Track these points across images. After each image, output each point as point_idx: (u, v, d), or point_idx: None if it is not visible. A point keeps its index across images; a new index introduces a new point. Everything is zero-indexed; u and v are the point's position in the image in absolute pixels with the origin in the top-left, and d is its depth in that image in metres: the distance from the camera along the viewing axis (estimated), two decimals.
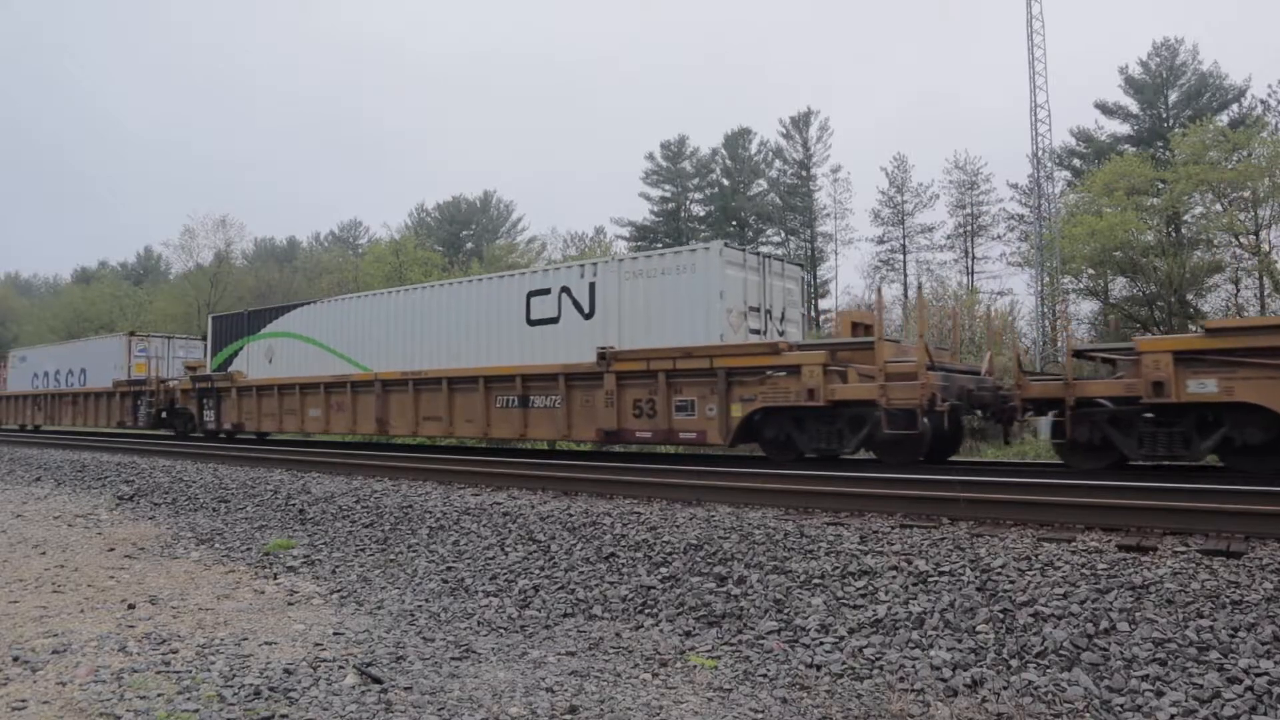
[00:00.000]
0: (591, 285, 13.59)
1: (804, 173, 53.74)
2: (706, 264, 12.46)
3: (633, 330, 12.96)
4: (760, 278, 13.31)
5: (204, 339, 27.62)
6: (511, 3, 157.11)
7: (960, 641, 4.85)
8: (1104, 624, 4.70)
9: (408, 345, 16.36)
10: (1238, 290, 30.24)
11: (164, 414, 21.35)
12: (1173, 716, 4.00)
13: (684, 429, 10.97)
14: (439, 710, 4.09)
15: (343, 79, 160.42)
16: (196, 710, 4.01)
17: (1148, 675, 4.28)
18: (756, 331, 12.92)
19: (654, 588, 6.21)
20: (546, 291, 14.20)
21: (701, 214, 55.97)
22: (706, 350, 10.91)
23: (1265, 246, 29.13)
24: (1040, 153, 31.96)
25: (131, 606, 6.19)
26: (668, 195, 57.05)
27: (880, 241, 52.39)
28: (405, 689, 4.39)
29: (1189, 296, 29.41)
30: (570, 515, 7.95)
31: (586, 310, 13.63)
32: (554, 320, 14.01)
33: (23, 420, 29.38)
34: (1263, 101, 35.86)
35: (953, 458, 11.95)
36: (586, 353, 12.53)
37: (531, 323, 14.33)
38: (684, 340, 11.95)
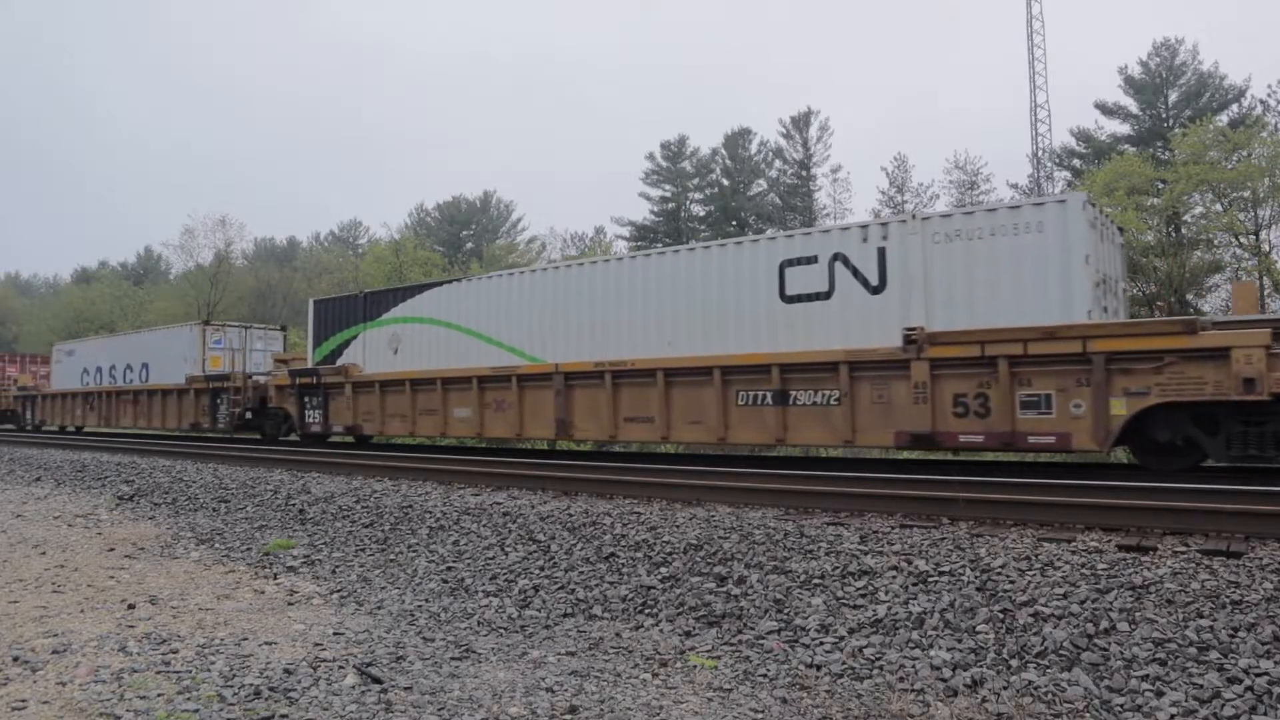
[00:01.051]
0: (880, 250, 11.04)
1: (804, 173, 53.72)
2: (1063, 221, 9.80)
3: (947, 306, 10.49)
4: (1103, 242, 10.68)
5: (283, 330, 25.19)
6: (512, 3, 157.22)
7: (960, 641, 4.85)
8: (1104, 624, 4.70)
9: (598, 331, 13.64)
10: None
11: (249, 414, 18.82)
12: (1173, 716, 4.00)
13: (1035, 431, 8.70)
14: (439, 710, 4.09)
15: (343, 79, 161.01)
16: (196, 710, 4.01)
17: (1148, 675, 4.28)
18: (1104, 310, 10.43)
19: (654, 588, 6.21)
20: (811, 260, 11.61)
21: (701, 214, 55.98)
22: (1078, 330, 8.50)
23: (1265, 246, 29.14)
24: (1040, 153, 32.02)
25: (131, 606, 6.19)
26: (668, 195, 57.02)
27: None
28: (405, 689, 4.39)
29: (1189, 296, 29.40)
30: (570, 515, 7.95)
31: (874, 282, 11.09)
32: (823, 295, 11.46)
33: (69, 420, 25.96)
34: (1262, 101, 35.81)
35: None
36: (873, 335, 10.55)
37: (787, 299, 11.74)
38: (1024, 318, 9.51)
